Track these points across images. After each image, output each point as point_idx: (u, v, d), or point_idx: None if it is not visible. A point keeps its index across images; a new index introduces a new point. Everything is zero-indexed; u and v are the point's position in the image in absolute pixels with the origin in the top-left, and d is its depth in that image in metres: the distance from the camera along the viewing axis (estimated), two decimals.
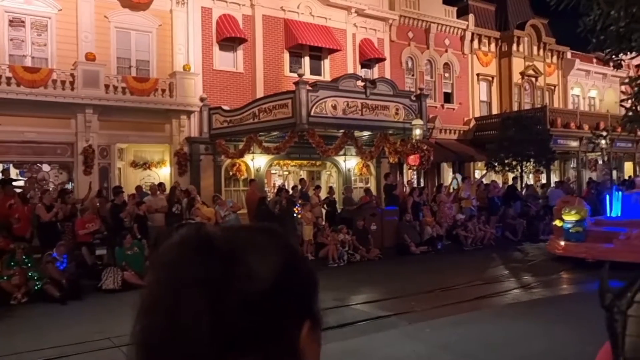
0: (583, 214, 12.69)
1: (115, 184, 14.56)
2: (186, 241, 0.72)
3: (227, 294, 0.67)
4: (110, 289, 10.12)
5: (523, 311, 7.93)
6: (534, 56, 26.19)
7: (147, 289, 0.72)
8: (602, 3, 4.53)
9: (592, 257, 11.53)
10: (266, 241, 0.74)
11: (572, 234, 12.57)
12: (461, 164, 22.76)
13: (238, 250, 0.71)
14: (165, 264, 0.72)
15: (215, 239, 0.72)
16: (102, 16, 15.66)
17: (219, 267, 0.68)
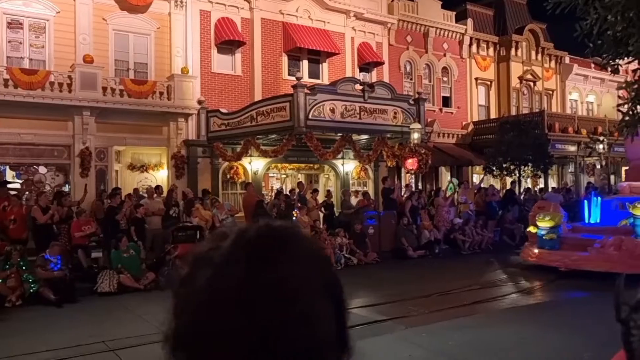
0: (557, 220, 12.07)
1: (113, 186, 14.52)
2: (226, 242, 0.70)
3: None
4: (106, 292, 10.06)
5: (520, 316, 7.90)
6: (532, 61, 26.24)
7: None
8: (599, 7, 4.52)
9: (565, 266, 11.11)
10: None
11: (545, 241, 11.93)
12: (459, 168, 22.76)
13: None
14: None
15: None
16: (101, 19, 15.66)
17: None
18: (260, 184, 17.60)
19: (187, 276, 0.69)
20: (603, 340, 5.98)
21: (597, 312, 7.42)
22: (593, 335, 6.37)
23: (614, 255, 10.55)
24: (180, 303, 0.67)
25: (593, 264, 10.61)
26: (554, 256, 11.53)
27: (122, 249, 10.75)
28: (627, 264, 9.90)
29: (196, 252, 0.71)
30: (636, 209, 11.00)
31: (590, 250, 10.98)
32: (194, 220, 12.83)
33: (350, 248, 13.68)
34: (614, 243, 10.78)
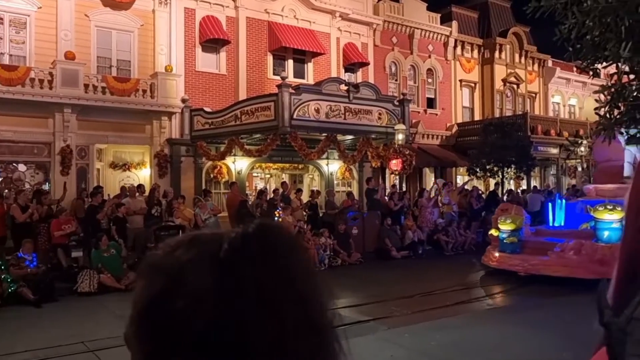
0: (518, 223, 11.69)
1: (94, 185, 14.35)
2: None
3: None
4: (86, 291, 9.91)
5: (501, 317, 7.96)
6: (515, 64, 26.51)
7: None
8: (577, 12, 4.57)
9: (524, 270, 10.75)
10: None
11: (507, 245, 11.56)
12: (443, 169, 22.90)
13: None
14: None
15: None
16: (83, 15, 15.46)
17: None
18: (244, 184, 17.51)
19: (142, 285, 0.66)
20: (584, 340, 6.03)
21: (578, 312, 7.51)
22: (574, 335, 6.42)
23: (574, 259, 10.28)
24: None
25: (552, 268, 10.33)
26: (514, 260, 11.16)
27: (102, 248, 10.60)
28: (587, 269, 9.78)
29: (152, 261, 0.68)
30: (598, 212, 10.71)
31: (550, 254, 10.67)
32: (177, 219, 12.72)
33: (334, 248, 13.67)
34: (574, 247, 10.50)
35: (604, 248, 10.09)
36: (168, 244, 0.69)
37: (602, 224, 10.53)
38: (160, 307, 0.62)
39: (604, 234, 10.45)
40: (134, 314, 0.65)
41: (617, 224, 10.31)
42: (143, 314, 0.64)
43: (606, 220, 10.47)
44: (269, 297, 0.62)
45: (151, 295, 0.64)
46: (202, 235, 0.69)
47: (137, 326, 0.64)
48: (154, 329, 0.62)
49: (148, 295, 0.64)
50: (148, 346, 0.63)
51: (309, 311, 0.64)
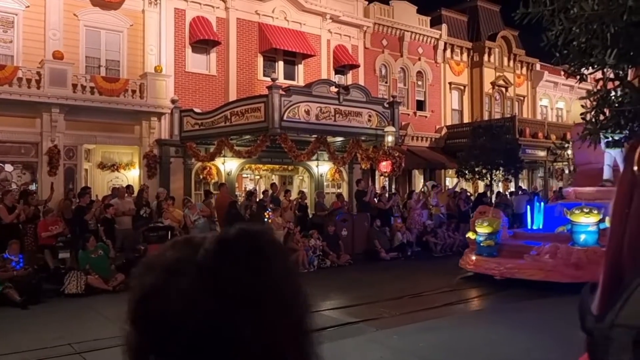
0: (495, 225, 11.49)
1: (82, 185, 14.24)
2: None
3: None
4: (73, 293, 9.84)
5: (489, 318, 8.02)
6: (504, 67, 26.71)
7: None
8: (564, 19, 4.64)
9: (500, 274, 10.56)
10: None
11: (483, 248, 11.38)
12: (432, 171, 23.01)
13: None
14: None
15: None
16: (72, 14, 15.35)
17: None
18: (234, 185, 17.48)
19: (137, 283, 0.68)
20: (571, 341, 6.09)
21: (566, 313, 7.58)
22: (561, 336, 6.49)
23: (549, 263, 10.10)
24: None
25: (527, 272, 10.17)
26: (490, 264, 10.95)
27: (90, 249, 10.53)
28: (562, 273, 9.72)
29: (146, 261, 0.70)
30: (574, 215, 10.55)
31: (526, 257, 10.50)
32: (166, 220, 12.67)
33: (324, 250, 13.69)
34: (550, 251, 10.30)
35: (580, 252, 10.00)
36: (165, 244, 0.71)
37: (579, 227, 10.45)
38: (148, 305, 0.64)
39: (580, 237, 10.37)
40: (128, 310, 0.67)
41: (594, 227, 10.27)
42: (134, 310, 0.66)
43: (582, 224, 10.39)
44: (248, 299, 0.63)
45: (141, 292, 0.66)
46: (192, 238, 0.71)
47: (131, 323, 0.66)
48: (143, 325, 0.65)
49: (138, 292, 0.66)
50: (140, 341, 0.65)
51: (292, 313, 0.66)
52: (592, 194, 12.29)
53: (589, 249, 9.96)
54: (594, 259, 9.75)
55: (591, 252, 9.88)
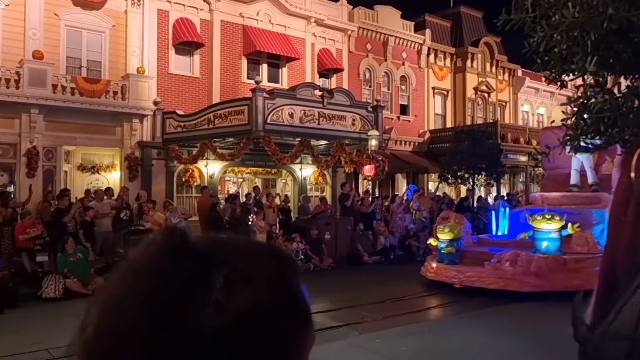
0: (457, 232, 11.02)
1: (61, 187, 14.03)
2: (155, 241, 0.62)
3: (179, 314, 0.55)
4: (51, 297, 9.66)
5: (471, 322, 8.05)
6: (486, 72, 26.99)
7: (108, 289, 0.61)
8: (545, 26, 4.70)
9: (459, 282, 10.14)
10: (252, 263, 0.61)
11: (444, 255, 10.94)
12: (415, 175, 23.12)
13: (211, 266, 0.59)
14: (121, 266, 0.62)
15: (189, 245, 0.61)
16: (52, 13, 15.15)
17: (180, 278, 0.57)
18: (216, 188, 17.37)
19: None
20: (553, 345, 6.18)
21: (547, 317, 7.65)
22: (543, 340, 6.56)
23: (509, 271, 9.70)
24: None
25: (487, 281, 9.73)
26: (450, 271, 10.49)
27: (68, 252, 10.36)
28: (521, 281, 9.43)
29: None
30: (536, 222, 10.23)
31: (486, 265, 10.10)
32: (146, 223, 12.53)
33: (306, 253, 13.66)
34: (510, 258, 9.89)
35: (540, 259, 9.70)
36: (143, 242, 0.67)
37: (541, 234, 10.18)
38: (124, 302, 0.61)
39: (542, 244, 10.10)
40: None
41: (556, 234, 10.05)
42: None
43: (544, 230, 10.12)
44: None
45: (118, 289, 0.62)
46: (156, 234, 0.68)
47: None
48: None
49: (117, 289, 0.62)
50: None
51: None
52: (559, 199, 12.17)
53: (550, 256, 9.72)
54: (555, 267, 9.59)
55: (552, 260, 9.66)
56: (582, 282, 9.14)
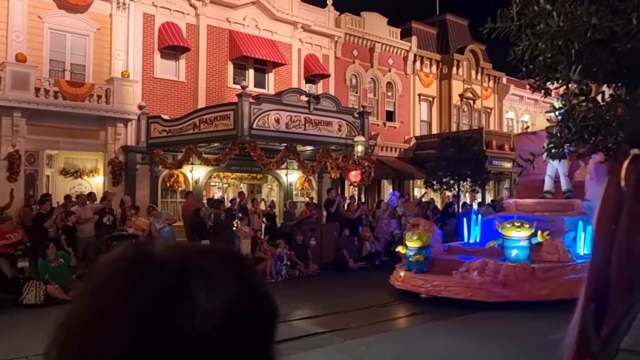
0: (425, 240, 10.59)
1: (43, 192, 13.82)
2: (121, 259, 0.60)
3: (160, 329, 0.55)
4: (32, 303, 9.50)
5: (455, 327, 8.06)
6: (472, 80, 27.23)
7: (66, 318, 0.59)
8: (531, 35, 4.76)
9: (426, 292, 9.75)
10: (221, 269, 0.61)
11: (412, 263, 10.50)
12: (401, 181, 23.20)
13: (186, 276, 0.58)
14: (91, 287, 0.60)
15: (156, 259, 0.60)
16: (36, 16, 14.98)
17: (153, 295, 0.56)
18: (202, 193, 17.26)
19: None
20: (537, 351, 6.21)
21: (531, 323, 7.70)
22: (526, 346, 6.59)
23: (476, 280, 9.34)
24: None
25: (454, 290, 9.38)
26: (418, 280, 10.08)
27: (49, 257, 10.20)
28: (489, 291, 9.12)
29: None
30: (505, 229, 9.94)
31: (454, 274, 9.74)
32: (129, 229, 12.39)
33: (292, 259, 13.61)
34: (478, 267, 9.52)
35: (508, 268, 9.37)
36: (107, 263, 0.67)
37: (510, 242, 9.90)
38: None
39: (511, 252, 9.81)
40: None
41: (525, 242, 9.80)
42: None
43: (514, 238, 9.85)
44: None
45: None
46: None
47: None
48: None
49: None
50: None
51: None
52: (532, 206, 12.00)
53: (518, 265, 9.44)
54: (524, 276, 9.32)
55: (520, 269, 9.38)
56: (550, 291, 9.06)
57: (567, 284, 8.95)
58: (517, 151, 13.69)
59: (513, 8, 4.85)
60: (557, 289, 9.00)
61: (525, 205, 12.27)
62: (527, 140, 13.58)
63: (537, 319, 7.77)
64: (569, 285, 8.88)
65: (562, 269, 9.57)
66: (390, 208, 17.23)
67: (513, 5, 4.88)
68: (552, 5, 4.45)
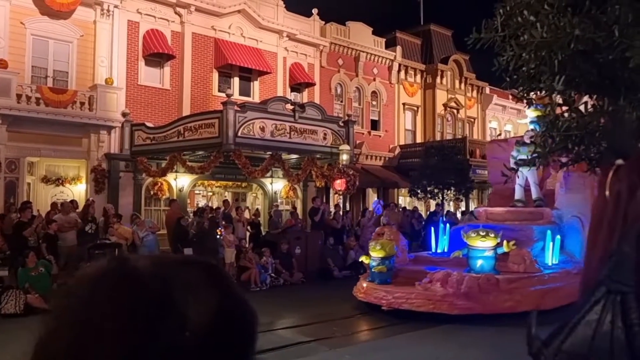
0: (388, 249, 10.04)
1: (24, 199, 13.60)
2: (105, 275, 0.59)
3: (152, 343, 0.54)
4: (11, 313, 9.31)
5: (439, 336, 8.06)
6: (455, 89, 27.51)
7: (47, 335, 0.58)
8: (515, 45, 4.82)
9: (388, 304, 9.24)
10: (202, 280, 0.62)
11: (375, 274, 9.98)
12: (386, 189, 23.28)
13: (169, 291, 0.58)
14: (75, 303, 0.58)
15: (142, 274, 0.59)
16: (18, 22, 14.81)
17: (144, 310, 0.55)
18: (186, 201, 17.13)
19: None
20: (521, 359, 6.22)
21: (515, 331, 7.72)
22: (511, 355, 6.60)
23: (438, 292, 8.86)
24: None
25: (415, 302, 8.91)
26: (380, 292, 9.53)
27: (29, 266, 10.01)
28: (451, 304, 8.65)
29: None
30: (470, 239, 9.51)
31: (417, 285, 9.24)
32: (112, 237, 12.24)
33: (276, 268, 13.53)
34: (442, 278, 9.05)
35: (472, 279, 8.87)
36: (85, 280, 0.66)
37: (475, 252, 9.47)
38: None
39: (476, 263, 9.39)
40: None
41: (490, 252, 9.40)
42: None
43: (479, 248, 9.44)
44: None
45: None
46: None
47: None
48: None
49: None
50: None
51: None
52: (502, 215, 11.74)
53: (482, 276, 8.97)
54: (487, 287, 8.85)
55: (484, 280, 8.88)
56: (515, 303, 8.62)
57: (533, 296, 8.74)
58: (488, 159, 13.59)
59: (497, 19, 4.91)
60: (522, 300, 8.69)
61: (495, 214, 12.04)
62: (498, 148, 13.57)
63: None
64: (535, 296, 8.69)
65: (528, 280, 9.25)
66: (375, 216, 17.25)
67: (497, 16, 4.94)
68: (535, 17, 4.51)
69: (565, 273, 9.66)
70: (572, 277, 9.36)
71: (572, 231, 10.66)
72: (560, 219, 11.11)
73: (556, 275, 9.60)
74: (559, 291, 8.82)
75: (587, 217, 10.16)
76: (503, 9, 4.93)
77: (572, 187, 10.74)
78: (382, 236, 10.85)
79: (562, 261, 10.35)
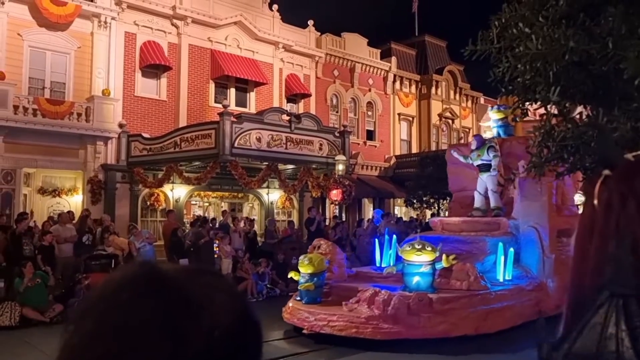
0: (317, 265, 8.81)
1: (20, 210, 13.56)
2: (138, 279, 0.62)
3: (188, 344, 0.57)
4: (6, 325, 9.24)
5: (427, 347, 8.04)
6: (450, 100, 27.68)
7: (83, 338, 0.59)
8: (510, 57, 4.90)
9: (309, 327, 8.18)
10: (218, 284, 0.65)
11: (303, 293, 8.76)
12: (381, 200, 23.31)
13: (198, 294, 0.62)
14: (113, 307, 0.59)
15: (172, 277, 0.62)
16: (16, 34, 14.86)
17: (179, 312, 0.59)
18: (182, 212, 17.12)
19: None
20: None
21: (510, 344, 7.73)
22: None
23: (362, 314, 7.67)
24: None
25: (336, 326, 7.76)
26: (303, 313, 8.36)
27: (26, 277, 9.95)
28: (376, 327, 7.47)
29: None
30: (405, 253, 8.36)
31: (343, 306, 8.08)
32: (108, 248, 12.19)
33: (273, 278, 13.51)
34: (369, 298, 7.82)
35: (400, 299, 7.59)
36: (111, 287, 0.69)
37: (411, 268, 8.27)
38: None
39: (412, 279, 8.19)
40: None
41: (427, 267, 8.21)
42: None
43: (414, 263, 8.23)
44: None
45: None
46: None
47: None
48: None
49: None
50: None
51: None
52: (458, 225, 10.80)
53: (413, 295, 7.69)
54: (418, 309, 7.56)
55: (415, 300, 7.61)
56: (449, 326, 7.59)
57: (472, 318, 7.78)
58: (448, 164, 12.69)
59: (493, 30, 4.99)
60: (458, 323, 7.67)
61: (451, 224, 11.06)
62: (455, 151, 12.78)
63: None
64: (474, 318, 7.78)
65: (468, 299, 8.02)
66: (372, 226, 17.27)
67: (493, 27, 5.02)
68: (530, 29, 4.59)
69: (517, 290, 8.75)
70: (525, 294, 8.69)
71: (529, 243, 9.74)
72: (517, 230, 10.11)
73: (505, 293, 8.55)
74: (505, 312, 8.12)
75: (544, 228, 9.57)
76: (498, 21, 5.01)
77: (528, 195, 9.75)
78: (317, 249, 9.73)
79: (515, 276, 9.28)
